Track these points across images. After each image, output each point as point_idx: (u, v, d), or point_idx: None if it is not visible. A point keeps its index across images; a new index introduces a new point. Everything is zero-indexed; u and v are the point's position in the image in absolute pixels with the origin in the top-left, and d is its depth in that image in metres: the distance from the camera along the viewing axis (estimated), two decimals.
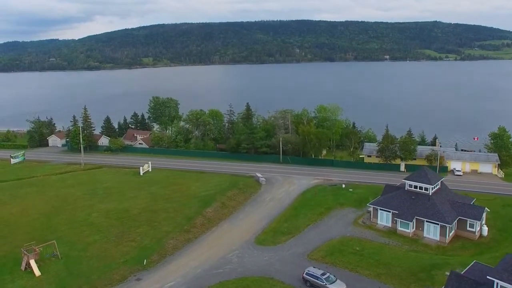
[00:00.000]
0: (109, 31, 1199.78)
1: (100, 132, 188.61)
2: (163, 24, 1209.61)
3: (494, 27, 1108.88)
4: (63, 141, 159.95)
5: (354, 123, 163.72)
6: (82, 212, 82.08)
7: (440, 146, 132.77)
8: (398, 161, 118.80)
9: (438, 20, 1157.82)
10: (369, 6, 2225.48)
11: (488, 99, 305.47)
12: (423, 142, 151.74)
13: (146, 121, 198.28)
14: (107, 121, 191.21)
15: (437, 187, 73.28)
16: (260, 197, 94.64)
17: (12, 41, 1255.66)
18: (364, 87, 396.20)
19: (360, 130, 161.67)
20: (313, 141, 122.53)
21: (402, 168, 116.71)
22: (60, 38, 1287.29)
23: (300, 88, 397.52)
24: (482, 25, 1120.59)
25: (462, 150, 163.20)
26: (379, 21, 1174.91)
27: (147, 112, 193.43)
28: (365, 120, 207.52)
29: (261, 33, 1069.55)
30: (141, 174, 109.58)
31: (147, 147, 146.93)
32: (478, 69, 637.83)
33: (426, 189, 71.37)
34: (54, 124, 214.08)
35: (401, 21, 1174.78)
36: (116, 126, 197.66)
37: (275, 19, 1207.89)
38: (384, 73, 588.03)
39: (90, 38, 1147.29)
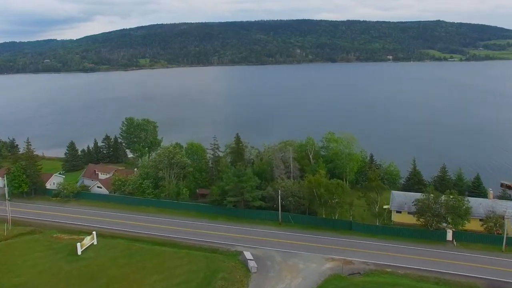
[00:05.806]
0: (106, 31, 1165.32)
1: (64, 157, 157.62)
2: (162, 24, 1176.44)
3: (498, 26, 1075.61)
4: (5, 180, 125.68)
5: (372, 156, 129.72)
6: None
7: (494, 198, 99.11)
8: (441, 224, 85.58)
9: (441, 19, 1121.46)
10: (369, 6, 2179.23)
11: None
12: (460, 181, 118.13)
13: (118, 145, 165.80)
14: (71, 147, 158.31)
15: None
16: None
17: (10, 41, 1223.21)
18: (373, 95, 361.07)
19: (379, 164, 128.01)
20: (325, 196, 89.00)
21: (449, 236, 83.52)
22: (58, 38, 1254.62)
23: (302, 98, 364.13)
24: (486, 24, 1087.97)
25: (506, 186, 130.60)
26: (381, 20, 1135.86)
27: (118, 137, 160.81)
28: (381, 142, 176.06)
29: (261, 33, 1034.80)
30: (79, 253, 76.20)
31: (107, 192, 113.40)
32: (489, 71, 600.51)
33: None
34: (17, 145, 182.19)
35: (403, 21, 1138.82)
36: (86, 149, 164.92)
37: (276, 19, 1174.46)
38: (391, 77, 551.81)
39: (87, 38, 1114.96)
